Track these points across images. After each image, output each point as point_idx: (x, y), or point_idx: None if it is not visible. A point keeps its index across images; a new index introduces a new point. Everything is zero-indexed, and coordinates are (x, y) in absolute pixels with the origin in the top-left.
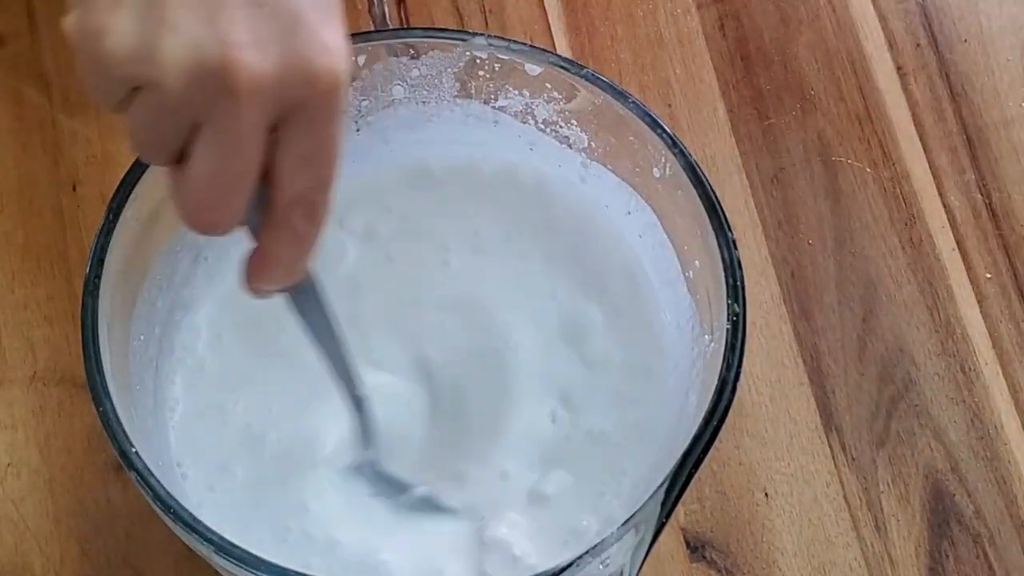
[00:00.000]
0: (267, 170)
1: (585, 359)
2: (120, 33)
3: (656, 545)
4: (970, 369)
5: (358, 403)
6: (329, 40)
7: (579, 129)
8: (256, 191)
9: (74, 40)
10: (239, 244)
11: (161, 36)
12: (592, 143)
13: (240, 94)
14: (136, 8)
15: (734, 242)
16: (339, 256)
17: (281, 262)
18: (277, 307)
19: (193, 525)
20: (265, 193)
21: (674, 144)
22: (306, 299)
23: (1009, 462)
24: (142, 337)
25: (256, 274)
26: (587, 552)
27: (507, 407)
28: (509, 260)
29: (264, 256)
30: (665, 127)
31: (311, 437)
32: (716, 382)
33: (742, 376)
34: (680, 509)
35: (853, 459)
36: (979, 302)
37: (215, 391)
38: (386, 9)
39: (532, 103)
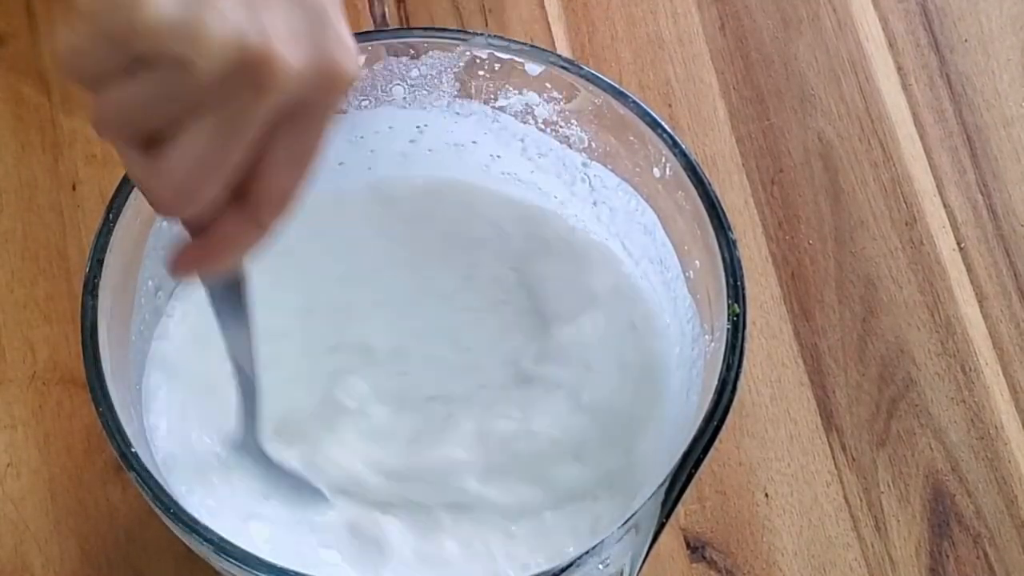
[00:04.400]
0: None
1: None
2: (162, 6)
3: (656, 545)
4: (970, 369)
5: (248, 388)
6: (347, 38)
7: (579, 129)
8: None
9: (95, 5)
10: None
11: (205, 17)
12: (592, 143)
13: (270, 88)
14: None
15: (734, 242)
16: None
17: (235, 250)
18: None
19: (193, 525)
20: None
21: (675, 144)
22: (231, 290)
23: (1009, 462)
24: (143, 333)
25: (200, 258)
26: (587, 552)
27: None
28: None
29: (216, 242)
30: (665, 127)
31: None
32: (716, 382)
33: (742, 376)
34: (680, 509)
35: (853, 459)
36: (979, 302)
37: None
38: (386, 9)
39: (532, 103)
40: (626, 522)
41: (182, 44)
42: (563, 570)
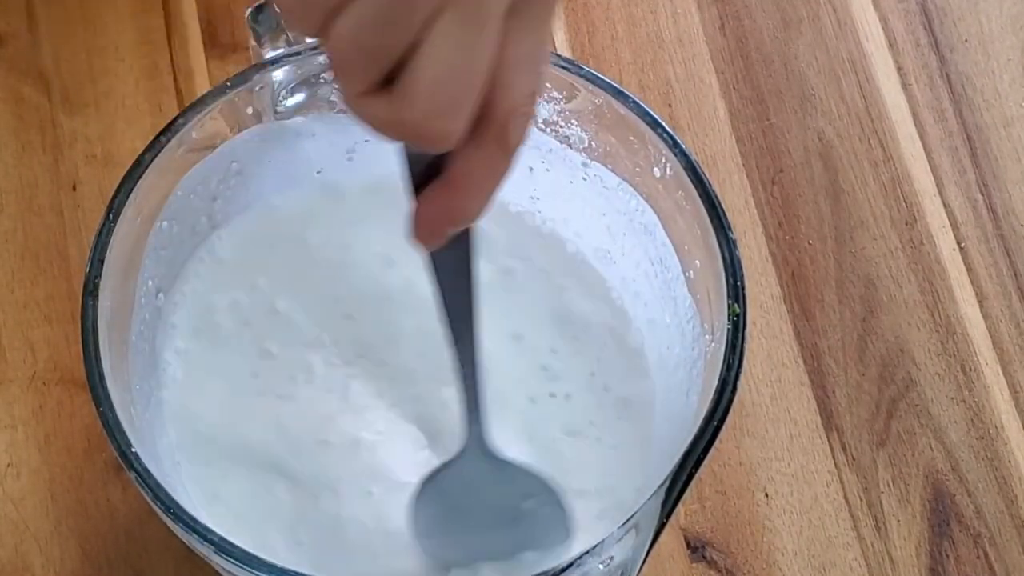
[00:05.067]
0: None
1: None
2: None
3: (656, 545)
4: (970, 369)
5: (470, 378)
6: None
7: (579, 129)
8: None
9: None
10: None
11: None
12: (592, 143)
13: None
14: None
15: (734, 242)
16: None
17: (485, 189)
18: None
19: (193, 525)
20: None
21: (675, 144)
22: (459, 258)
23: (1009, 462)
24: (143, 334)
25: (447, 211)
26: (587, 552)
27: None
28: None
29: (462, 185)
30: (665, 127)
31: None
32: (716, 382)
33: (742, 376)
34: (680, 509)
35: (853, 459)
36: (979, 302)
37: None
38: None
39: None
40: (626, 522)
41: None
42: (563, 570)
